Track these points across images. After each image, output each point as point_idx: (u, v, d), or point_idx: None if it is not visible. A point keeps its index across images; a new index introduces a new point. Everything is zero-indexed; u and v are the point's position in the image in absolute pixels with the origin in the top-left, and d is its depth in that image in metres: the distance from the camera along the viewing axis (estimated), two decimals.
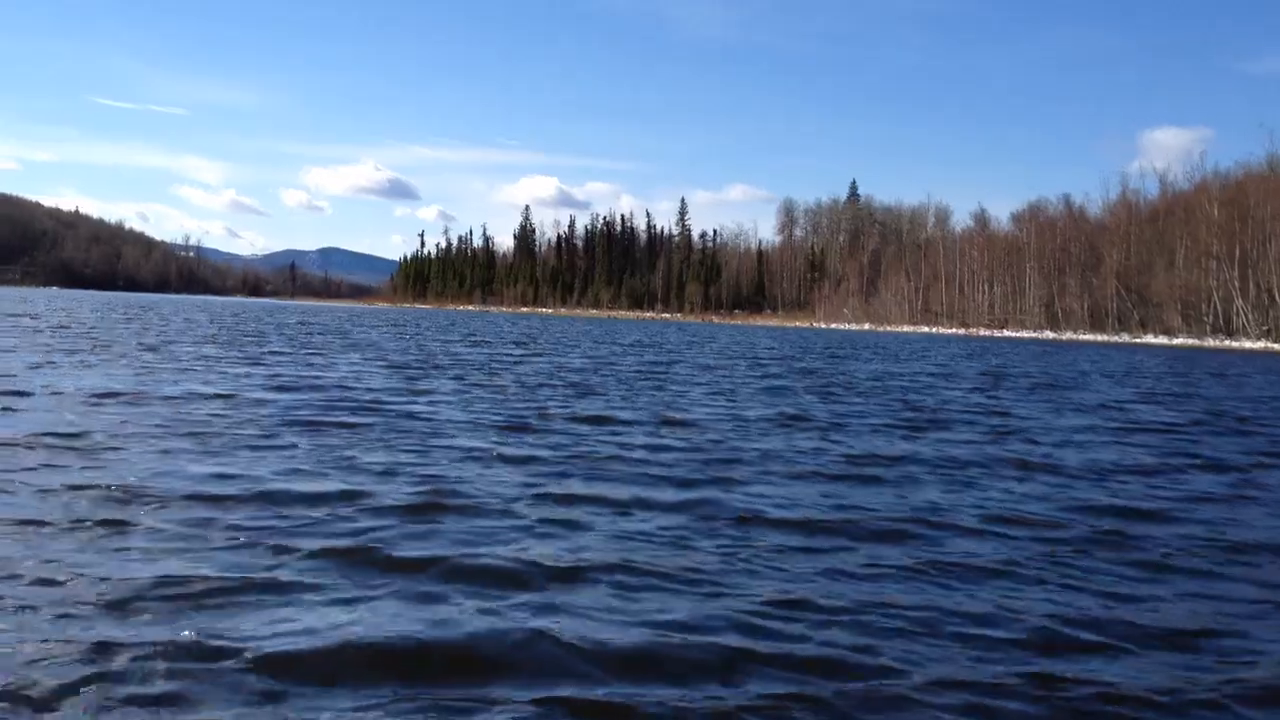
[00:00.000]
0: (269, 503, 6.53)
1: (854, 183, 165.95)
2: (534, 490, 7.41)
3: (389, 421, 10.98)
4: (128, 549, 5.33)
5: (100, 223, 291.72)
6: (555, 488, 7.55)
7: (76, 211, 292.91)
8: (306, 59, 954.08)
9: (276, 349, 25.13)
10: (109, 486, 6.74)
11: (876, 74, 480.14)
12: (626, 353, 32.43)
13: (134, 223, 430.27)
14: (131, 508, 6.20)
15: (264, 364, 19.39)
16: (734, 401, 15.60)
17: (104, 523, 5.79)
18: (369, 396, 13.60)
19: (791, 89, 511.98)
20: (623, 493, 7.42)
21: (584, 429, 11.23)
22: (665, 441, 10.37)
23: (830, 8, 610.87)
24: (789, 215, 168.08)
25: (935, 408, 15.87)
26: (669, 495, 7.46)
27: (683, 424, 12.13)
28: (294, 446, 8.93)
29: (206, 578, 4.82)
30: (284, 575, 4.96)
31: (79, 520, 5.80)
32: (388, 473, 7.87)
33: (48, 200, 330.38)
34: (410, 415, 11.68)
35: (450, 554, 5.46)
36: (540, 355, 28.48)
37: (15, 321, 35.82)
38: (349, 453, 8.71)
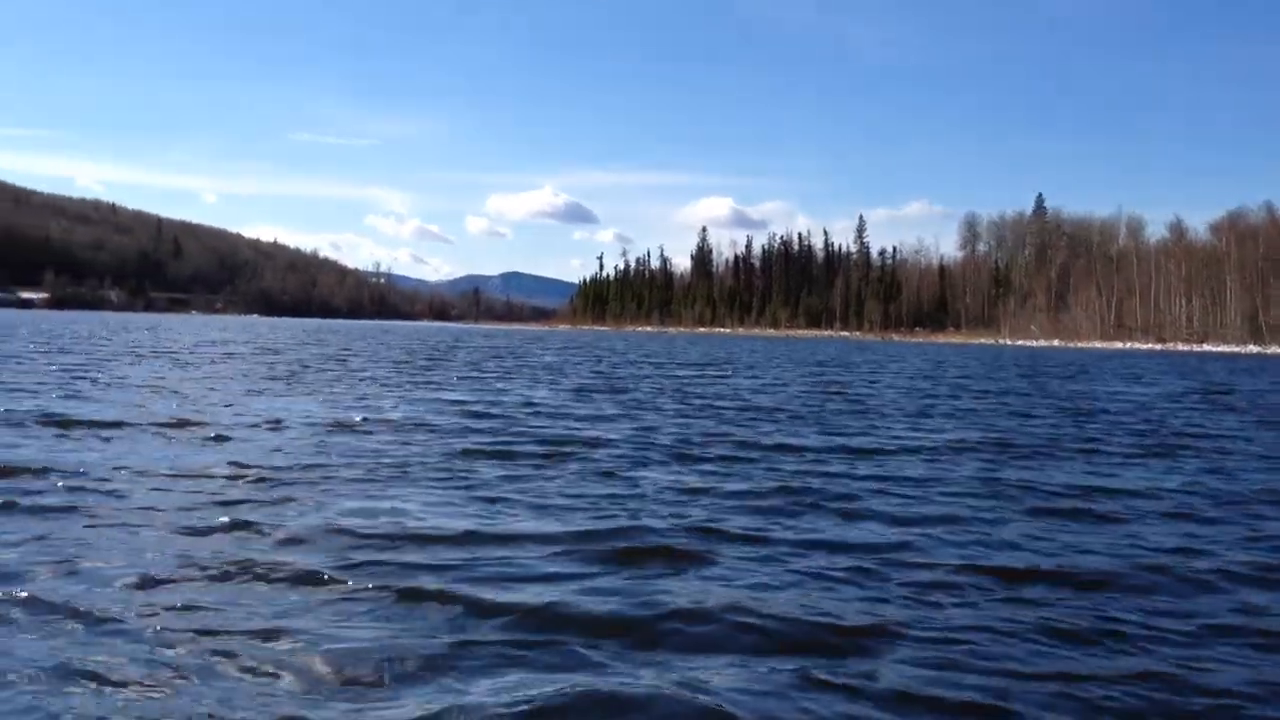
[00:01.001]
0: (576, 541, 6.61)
1: (1040, 196, 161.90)
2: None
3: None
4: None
5: (296, 252, 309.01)
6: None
7: (275, 242, 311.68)
8: (489, 90, 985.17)
9: (495, 373, 26.67)
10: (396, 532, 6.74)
11: (1059, 87, 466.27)
12: (824, 373, 32.23)
13: (327, 251, 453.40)
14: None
15: (484, 386, 20.81)
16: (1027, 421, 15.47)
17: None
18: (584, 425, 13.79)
19: (971, 104, 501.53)
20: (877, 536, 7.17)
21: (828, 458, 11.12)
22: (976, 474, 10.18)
23: (1009, 24, 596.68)
24: (971, 230, 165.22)
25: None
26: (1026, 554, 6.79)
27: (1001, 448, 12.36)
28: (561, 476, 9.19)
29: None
30: None
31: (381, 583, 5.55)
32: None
33: (248, 232, 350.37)
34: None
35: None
36: (751, 378, 28.91)
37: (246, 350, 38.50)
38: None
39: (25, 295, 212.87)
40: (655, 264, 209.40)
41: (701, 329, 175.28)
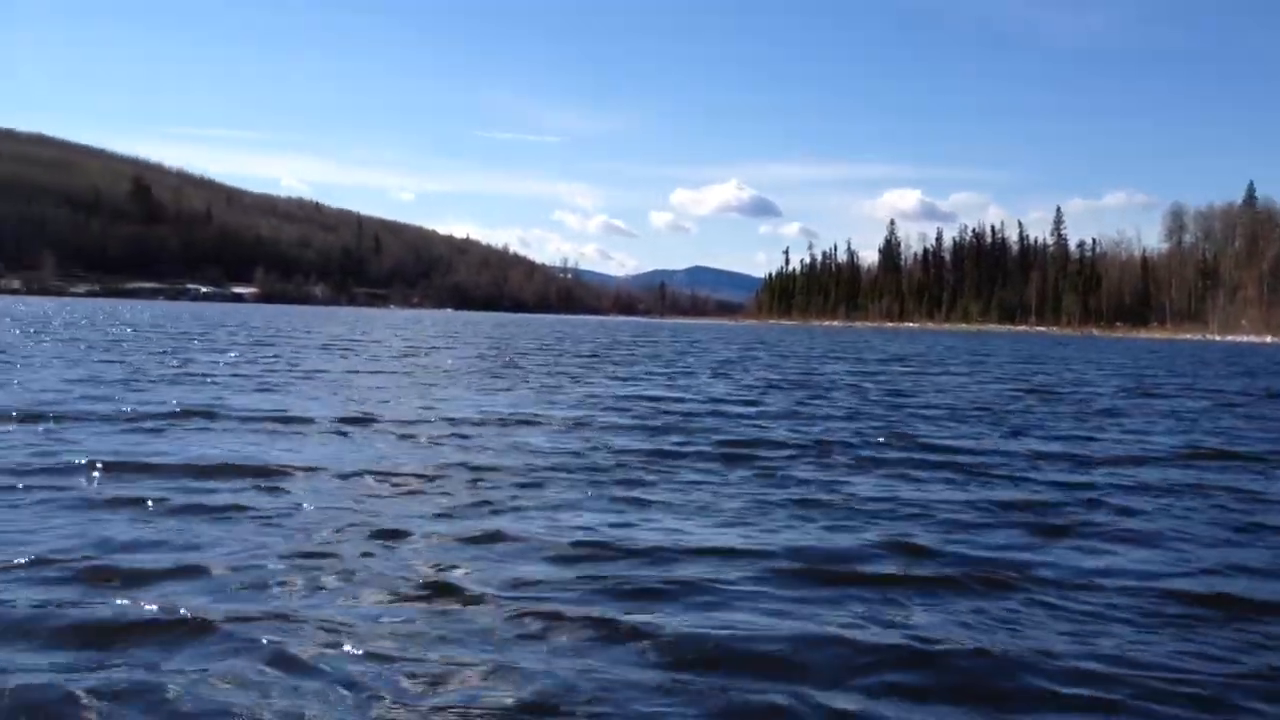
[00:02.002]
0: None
1: (1251, 184, 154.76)
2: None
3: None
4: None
5: (488, 248, 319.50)
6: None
7: (468, 238, 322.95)
8: (673, 85, 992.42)
9: (685, 368, 26.72)
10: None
11: (1270, 71, 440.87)
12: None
13: (516, 247, 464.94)
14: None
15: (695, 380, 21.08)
16: None
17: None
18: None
19: (1175, 89, 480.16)
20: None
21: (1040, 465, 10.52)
22: None
23: (1213, 5, 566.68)
24: (1177, 221, 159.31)
25: None
26: None
27: None
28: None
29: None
30: None
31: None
32: None
33: (442, 228, 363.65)
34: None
35: None
36: (949, 374, 28.58)
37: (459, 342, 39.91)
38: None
39: (237, 290, 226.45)
40: (842, 258, 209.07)
41: (889, 324, 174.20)
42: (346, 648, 4.26)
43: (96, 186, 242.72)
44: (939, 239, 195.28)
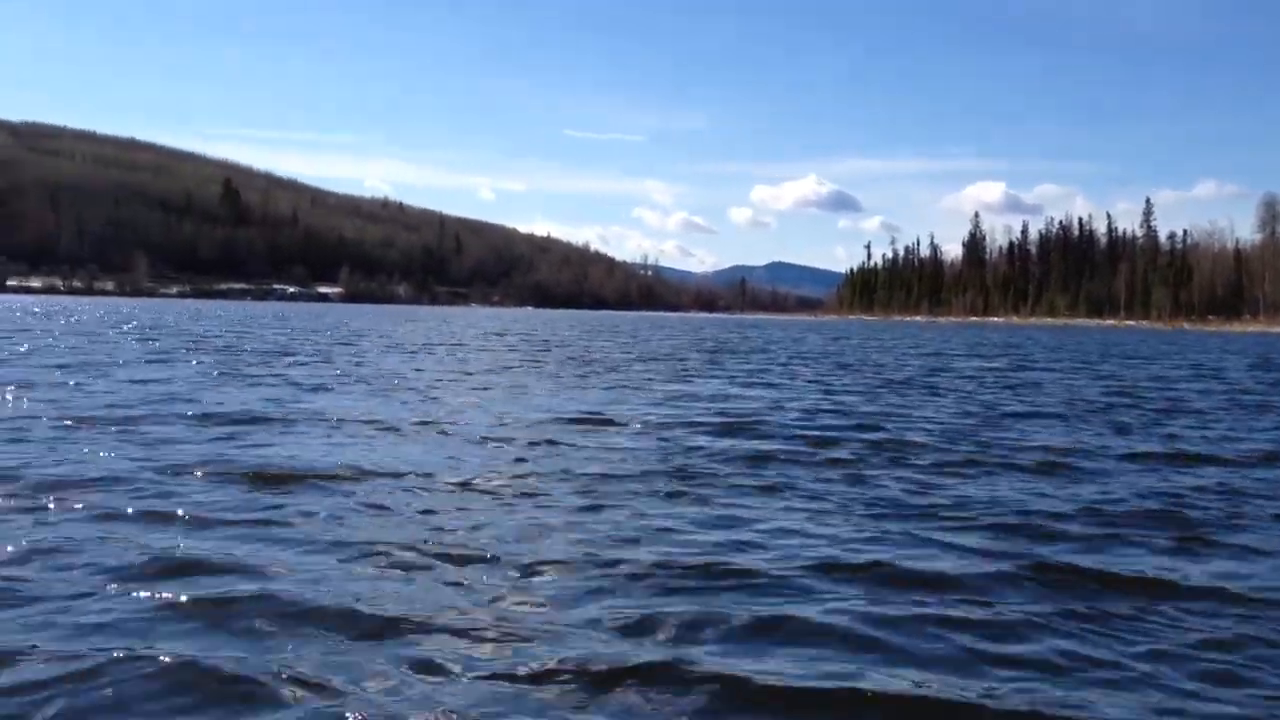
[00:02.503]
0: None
1: None
2: None
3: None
4: None
5: (569, 246, 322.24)
6: None
7: (548, 236, 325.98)
8: (753, 81, 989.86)
9: (772, 367, 26.08)
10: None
11: None
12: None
13: (596, 244, 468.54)
14: None
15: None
16: None
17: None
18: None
19: (1268, 78, 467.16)
20: None
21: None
22: None
23: None
24: (1270, 211, 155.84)
25: None
26: None
27: None
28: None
29: None
30: None
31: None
32: None
33: (523, 227, 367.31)
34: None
35: None
36: (1047, 369, 27.89)
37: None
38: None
39: (322, 290, 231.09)
40: (925, 252, 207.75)
41: (974, 318, 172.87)
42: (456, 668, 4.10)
43: (188, 189, 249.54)
44: (1024, 232, 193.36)
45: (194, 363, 21.08)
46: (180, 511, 6.64)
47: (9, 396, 13.28)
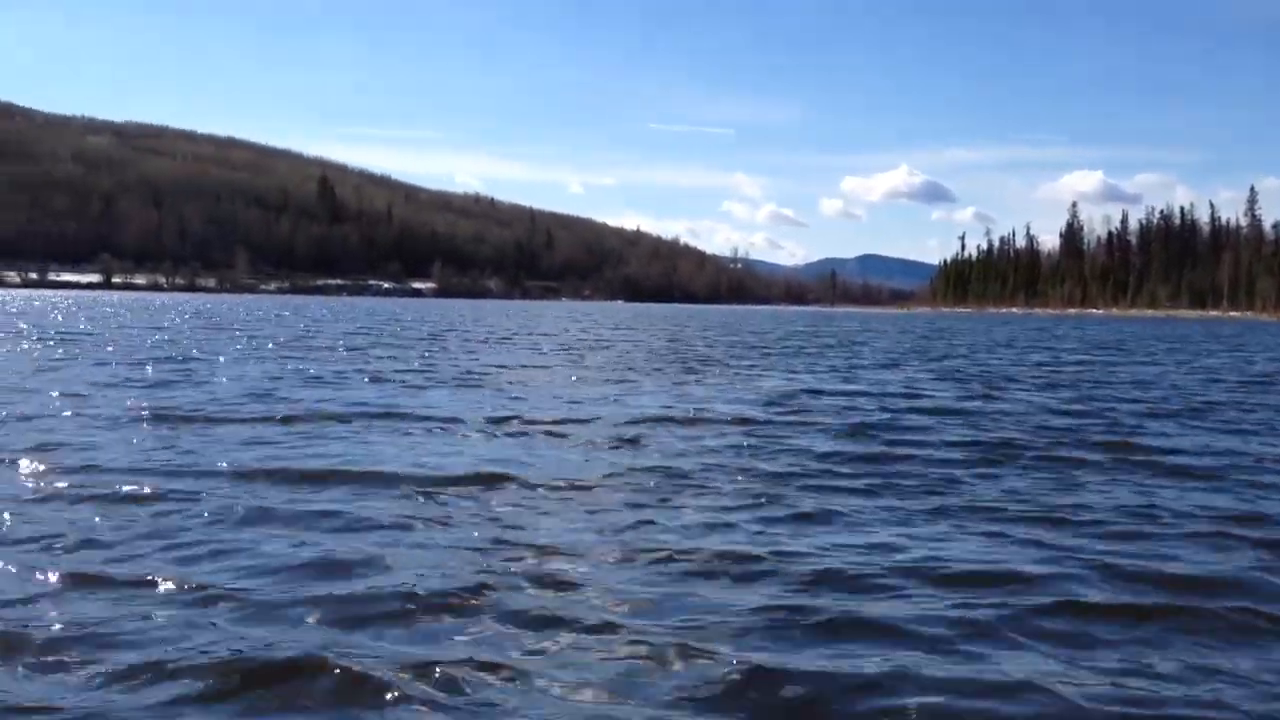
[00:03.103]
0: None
1: None
2: None
3: None
4: None
5: (658, 240, 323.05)
6: None
7: (637, 230, 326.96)
8: (843, 72, 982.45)
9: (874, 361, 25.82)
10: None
11: None
12: None
13: (685, 238, 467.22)
14: None
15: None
16: None
17: None
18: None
19: None
20: None
21: None
22: None
23: None
24: None
25: None
26: None
27: None
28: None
29: None
30: None
31: None
32: None
33: (612, 221, 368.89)
34: None
35: None
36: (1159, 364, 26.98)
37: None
38: None
39: (416, 285, 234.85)
40: (1020, 242, 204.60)
41: (1071, 310, 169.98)
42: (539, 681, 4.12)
43: (285, 187, 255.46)
44: (1124, 221, 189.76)
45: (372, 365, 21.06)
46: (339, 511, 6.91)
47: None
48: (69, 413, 11.71)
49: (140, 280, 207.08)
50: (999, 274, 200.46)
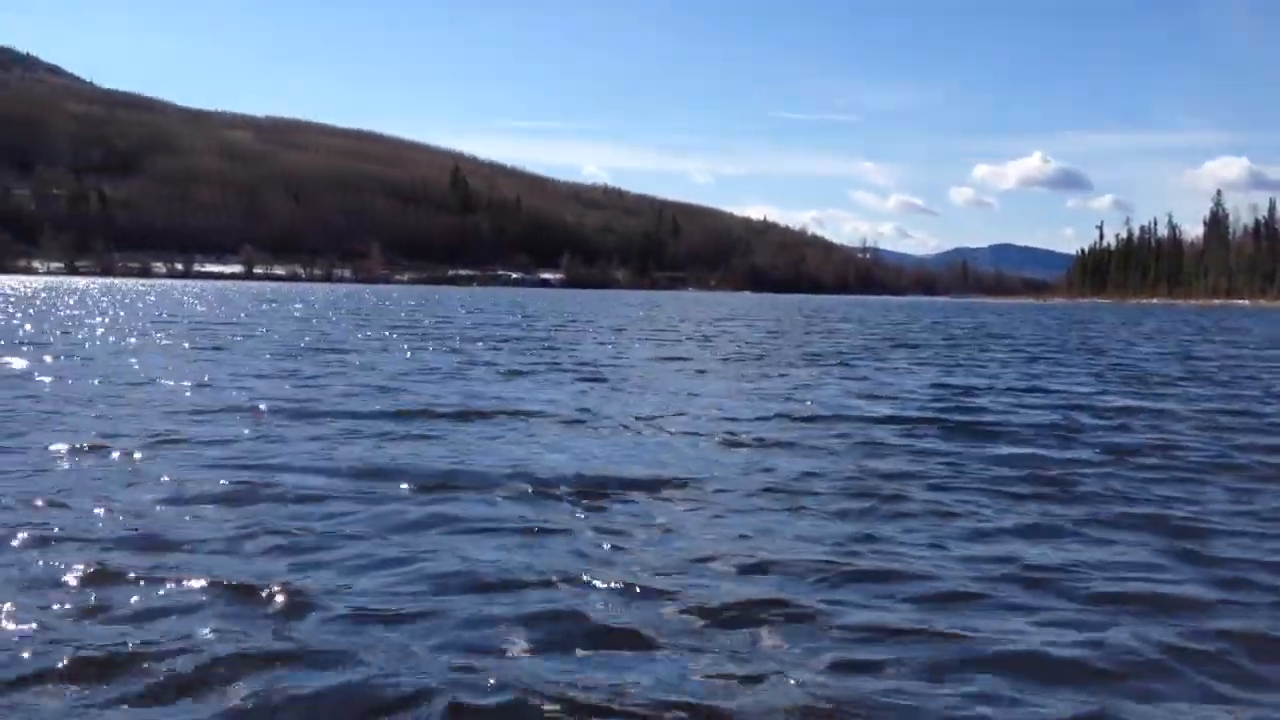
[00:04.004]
0: None
1: None
2: None
3: None
4: None
5: (785, 229, 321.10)
6: None
7: (764, 220, 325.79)
8: (973, 57, 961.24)
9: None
10: None
11: None
12: None
13: (812, 228, 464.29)
14: None
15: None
16: None
17: None
18: None
19: None
20: None
21: None
22: None
23: None
24: None
25: None
26: None
27: None
28: None
29: None
30: None
31: None
32: None
33: (738, 210, 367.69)
34: None
35: None
36: None
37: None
38: None
39: (544, 275, 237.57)
40: (1162, 231, 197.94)
41: (1216, 300, 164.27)
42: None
43: (419, 179, 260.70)
44: (1271, 209, 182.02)
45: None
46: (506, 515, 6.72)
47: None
48: (220, 406, 11.72)
49: (280, 270, 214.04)
50: (1139, 264, 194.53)
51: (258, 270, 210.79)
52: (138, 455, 8.47)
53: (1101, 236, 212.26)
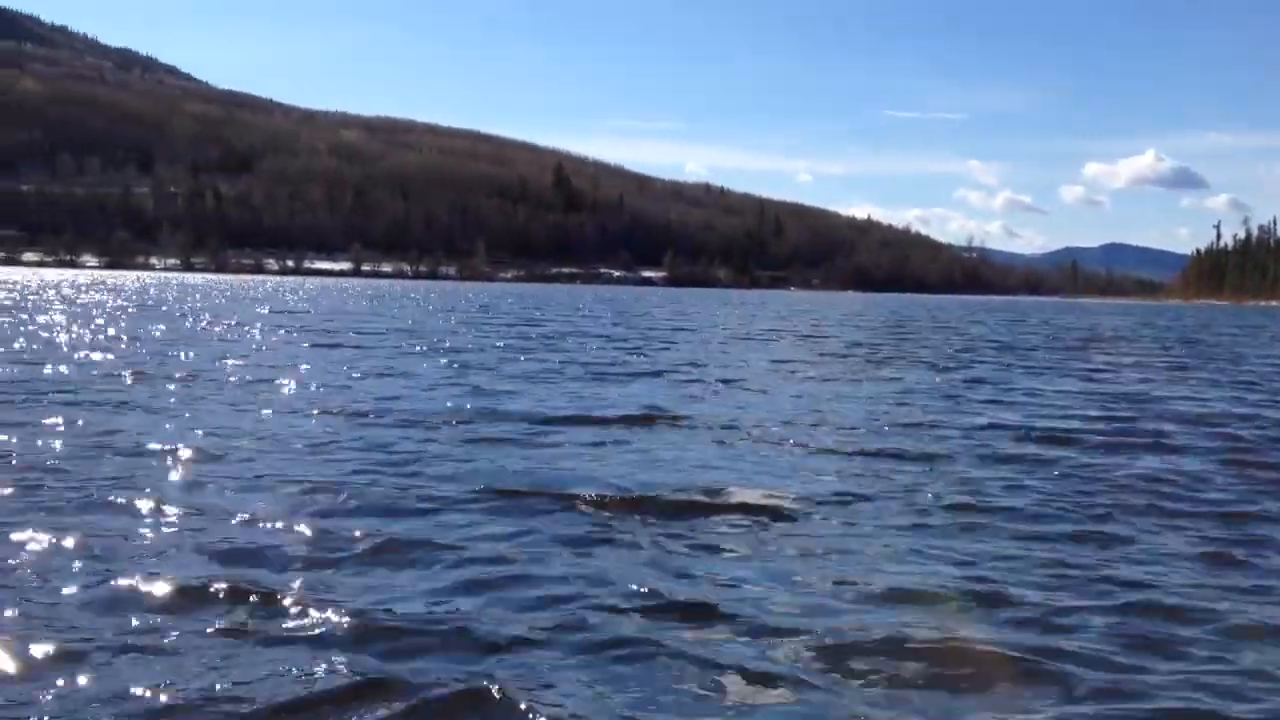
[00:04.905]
0: None
1: None
2: None
3: None
4: None
5: (889, 229, 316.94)
6: None
7: (868, 219, 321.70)
8: (1083, 54, 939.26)
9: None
10: None
11: None
12: None
13: (916, 227, 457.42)
14: None
15: None
16: None
17: None
18: None
19: None
20: None
21: None
22: None
23: None
24: None
25: None
26: None
27: None
28: None
29: None
30: None
31: None
32: None
33: (842, 209, 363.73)
34: None
35: None
36: None
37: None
38: None
39: (646, 274, 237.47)
40: None
41: None
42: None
43: (523, 178, 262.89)
44: None
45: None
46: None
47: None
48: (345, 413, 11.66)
49: (387, 268, 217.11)
50: (1258, 264, 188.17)
51: (365, 268, 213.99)
52: None
53: (1218, 236, 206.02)
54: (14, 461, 8.20)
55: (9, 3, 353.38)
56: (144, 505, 6.88)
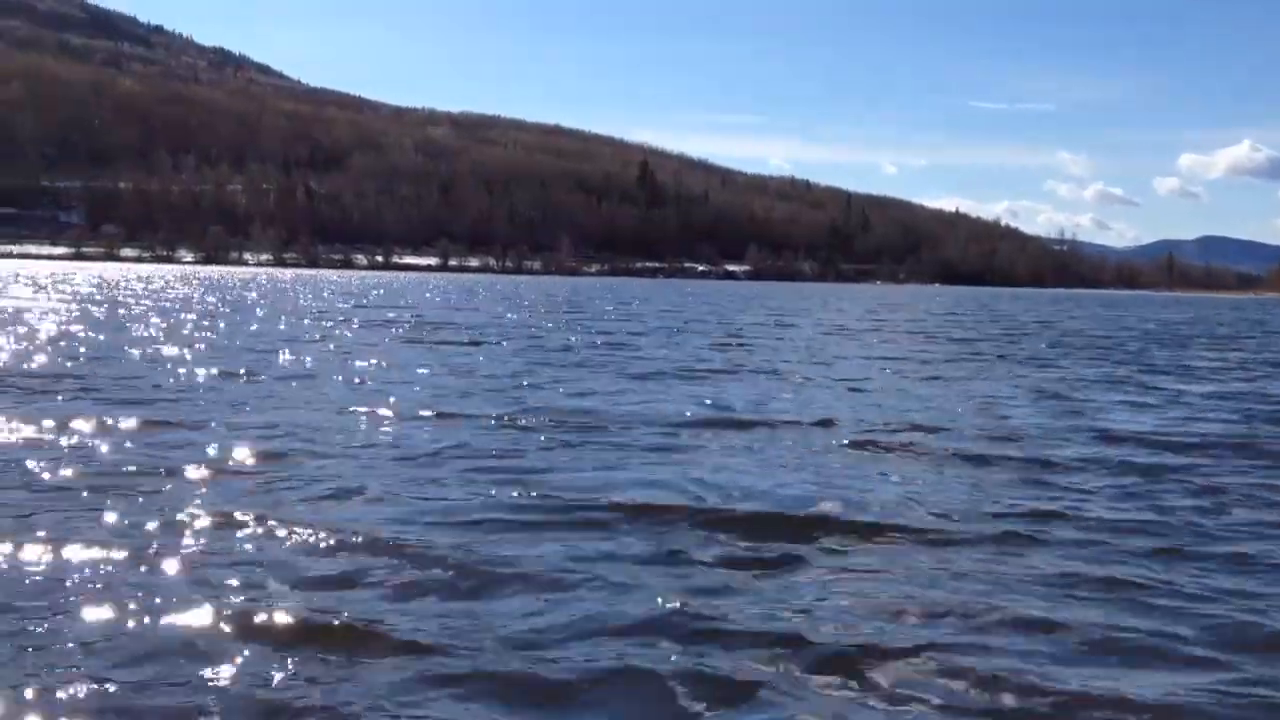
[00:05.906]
0: None
1: None
2: None
3: None
4: None
5: (976, 221, 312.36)
6: None
7: (955, 212, 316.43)
8: (1176, 43, 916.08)
9: None
10: None
11: None
12: None
13: (1004, 219, 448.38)
14: None
15: None
16: None
17: None
18: None
19: None
20: None
21: None
22: None
23: None
24: None
25: None
26: None
27: None
28: None
29: None
30: None
31: None
32: None
33: (928, 202, 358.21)
34: None
35: None
36: None
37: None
38: None
39: (729, 268, 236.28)
40: None
41: None
42: None
43: (607, 173, 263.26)
44: None
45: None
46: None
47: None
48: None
49: (473, 263, 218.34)
50: None
51: (452, 262, 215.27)
52: None
53: None
54: (132, 467, 7.96)
55: (107, 3, 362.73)
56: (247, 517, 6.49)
